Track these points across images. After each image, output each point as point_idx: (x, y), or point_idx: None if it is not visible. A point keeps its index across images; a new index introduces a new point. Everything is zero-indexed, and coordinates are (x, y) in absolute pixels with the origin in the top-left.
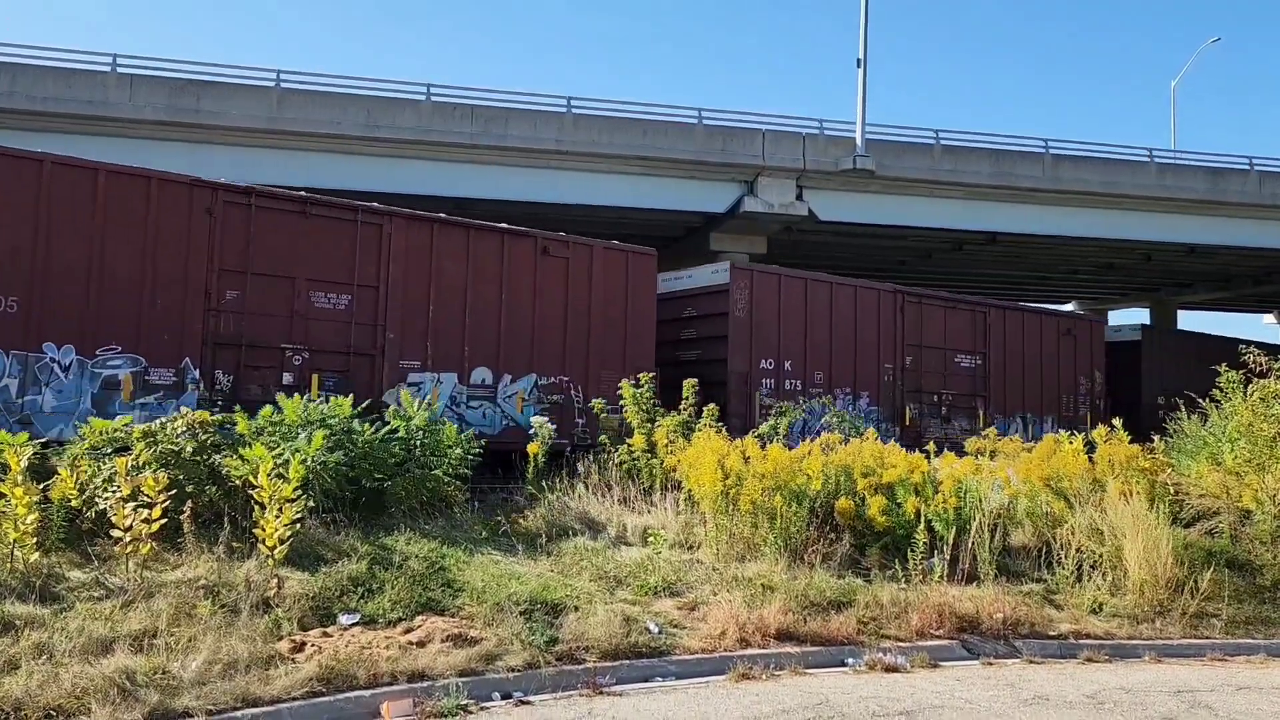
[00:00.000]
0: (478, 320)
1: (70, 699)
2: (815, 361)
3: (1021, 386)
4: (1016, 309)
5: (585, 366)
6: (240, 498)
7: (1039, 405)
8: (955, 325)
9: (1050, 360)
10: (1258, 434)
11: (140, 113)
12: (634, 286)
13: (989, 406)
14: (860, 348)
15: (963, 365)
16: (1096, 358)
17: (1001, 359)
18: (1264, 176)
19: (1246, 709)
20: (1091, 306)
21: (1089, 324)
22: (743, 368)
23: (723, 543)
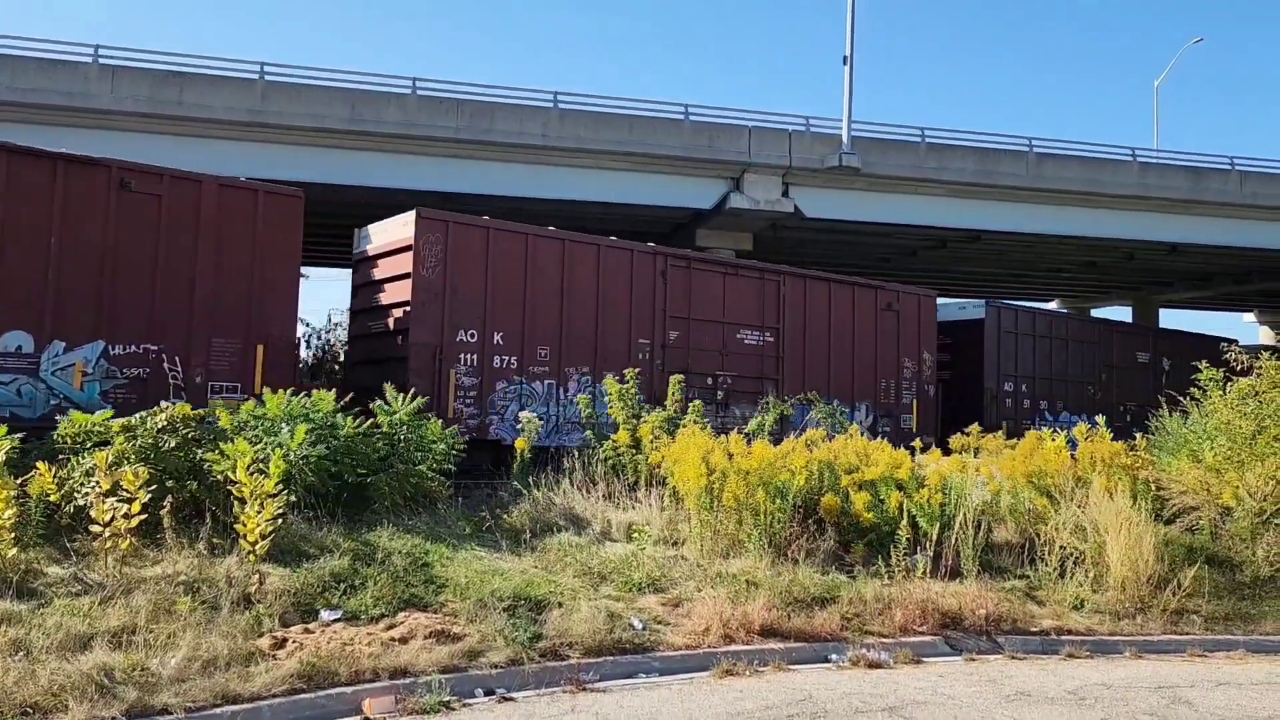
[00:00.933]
0: None
1: (47, 696)
2: (539, 335)
3: (827, 369)
4: (821, 278)
5: (187, 333)
6: (222, 493)
7: (849, 391)
8: (738, 295)
9: (866, 339)
10: (1237, 431)
11: (122, 104)
12: (267, 235)
13: (781, 391)
14: (606, 319)
15: (747, 342)
16: (927, 337)
17: (800, 336)
18: (1244, 176)
19: (1226, 704)
20: (1074, 305)
21: (916, 299)
22: (430, 340)
23: (707, 539)
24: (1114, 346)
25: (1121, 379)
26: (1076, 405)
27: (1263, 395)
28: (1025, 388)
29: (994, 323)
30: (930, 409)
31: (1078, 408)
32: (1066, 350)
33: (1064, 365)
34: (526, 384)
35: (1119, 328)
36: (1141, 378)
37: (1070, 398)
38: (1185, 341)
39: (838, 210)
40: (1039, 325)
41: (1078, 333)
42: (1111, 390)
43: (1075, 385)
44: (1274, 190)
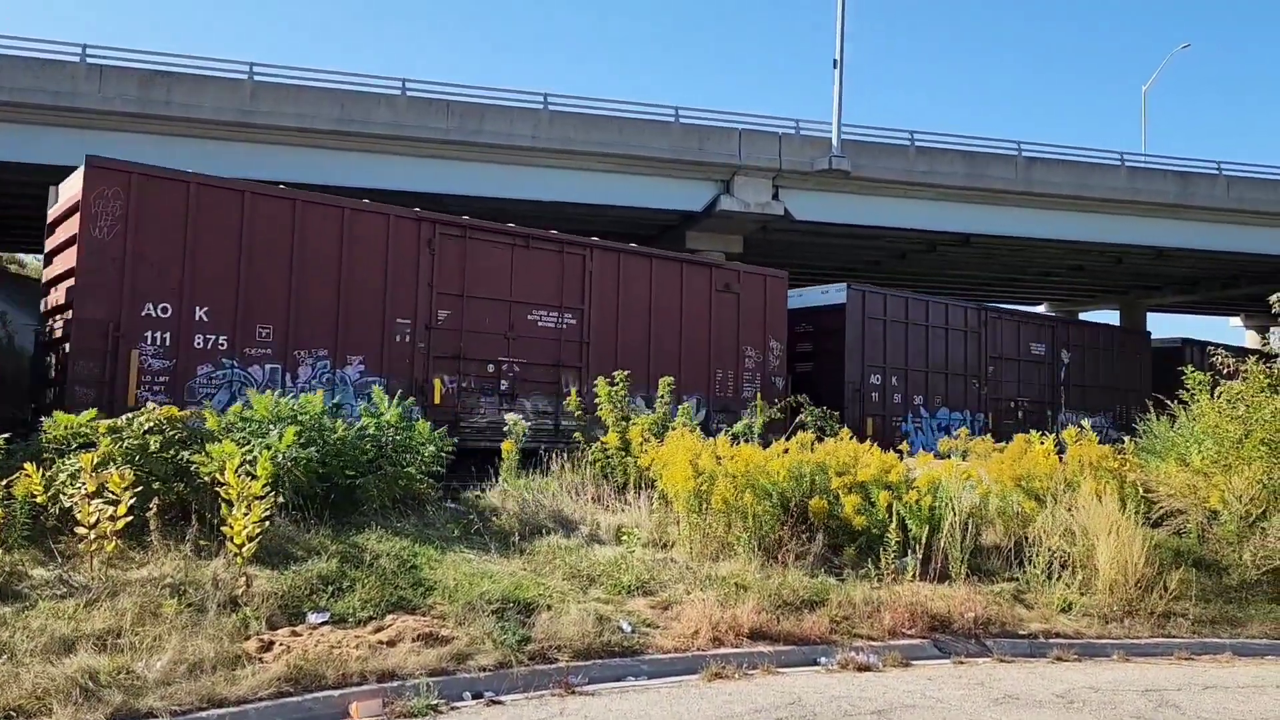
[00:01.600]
0: None
1: (31, 699)
2: (259, 311)
3: (647, 357)
4: (640, 253)
5: None
6: (209, 495)
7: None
8: (532, 270)
9: (698, 324)
10: (1224, 435)
11: (110, 104)
12: None
13: (586, 383)
14: (352, 295)
15: (543, 325)
16: (775, 323)
17: (612, 319)
18: (1232, 181)
19: (1213, 707)
20: (1063, 308)
21: (762, 279)
22: (101, 315)
23: (696, 541)
24: (1003, 336)
25: (1013, 373)
26: (959, 401)
27: (1250, 400)
28: (896, 381)
29: (857, 307)
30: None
31: (960, 404)
32: (947, 340)
33: (943, 356)
34: (240, 369)
35: (1010, 316)
36: (1038, 372)
37: (951, 393)
38: (1089, 333)
39: (827, 213)
40: (914, 311)
41: (960, 320)
42: (1000, 385)
43: (957, 379)
44: (1260, 195)
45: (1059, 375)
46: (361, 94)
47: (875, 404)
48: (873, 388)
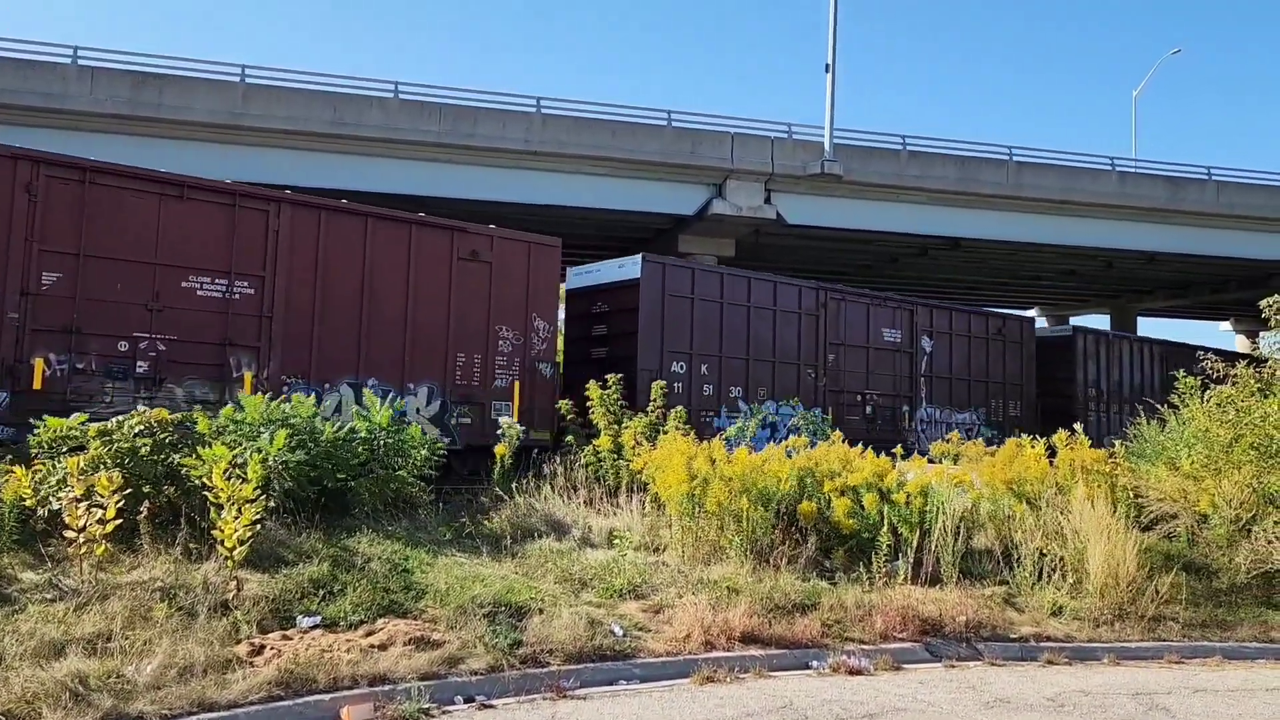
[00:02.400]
0: None
1: (20, 704)
2: None
3: (358, 337)
4: (354, 211)
5: None
6: (199, 498)
7: (399, 368)
8: (189, 228)
9: (433, 298)
10: (1214, 439)
11: (101, 106)
12: None
13: (269, 369)
14: None
15: (203, 294)
16: (542, 299)
17: (308, 290)
18: (1221, 186)
19: (1203, 711)
20: (1054, 312)
21: (525, 246)
22: None
23: (688, 545)
24: (846, 321)
25: (860, 362)
26: (790, 394)
27: (1239, 404)
28: (706, 370)
29: (655, 284)
30: (546, 394)
31: (791, 396)
32: (774, 323)
33: (769, 342)
34: None
35: (857, 297)
36: (893, 361)
37: (779, 384)
38: (957, 319)
39: (820, 217)
40: (732, 290)
41: (794, 301)
42: (842, 376)
43: (787, 368)
44: (1250, 200)
45: (919, 366)
46: (354, 96)
47: (679, 395)
48: (676, 376)
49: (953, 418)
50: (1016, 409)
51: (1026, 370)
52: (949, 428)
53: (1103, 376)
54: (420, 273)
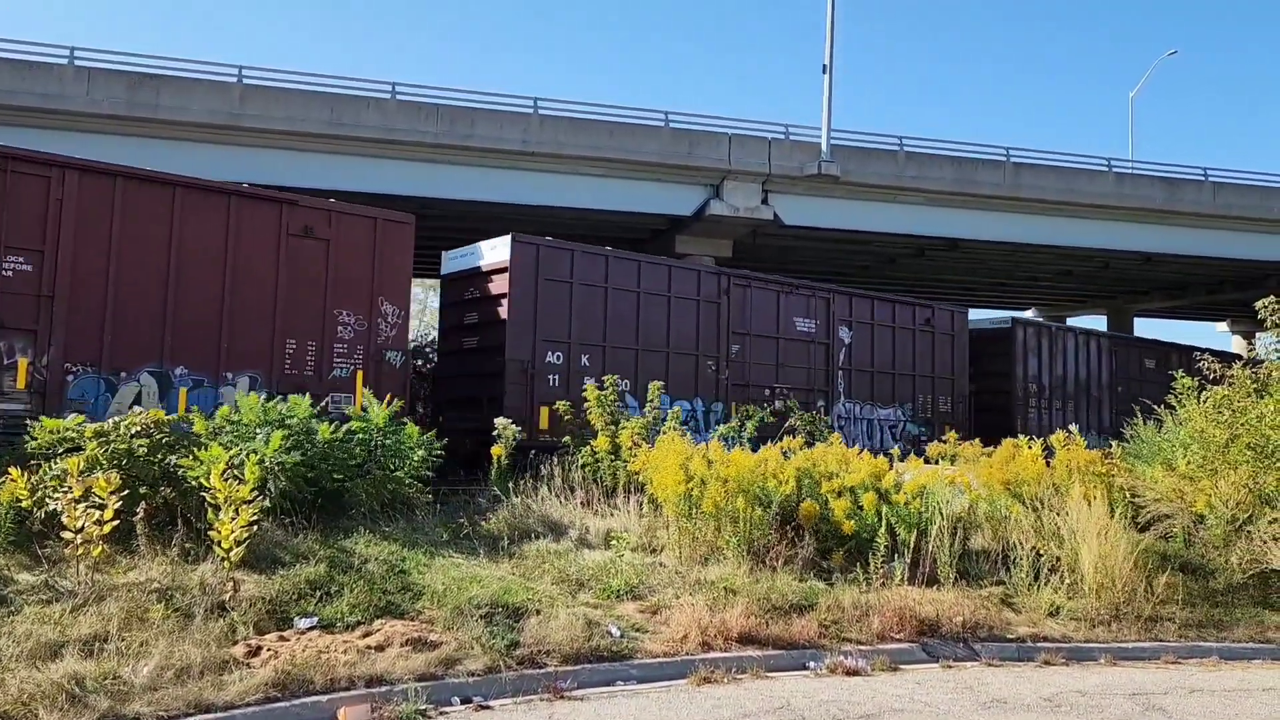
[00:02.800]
0: None
1: (17, 705)
2: None
3: (163, 320)
4: (154, 179)
5: None
6: (195, 499)
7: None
8: None
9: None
10: (1210, 439)
11: (98, 106)
12: None
13: (50, 354)
14: None
15: None
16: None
17: (101, 268)
18: (1218, 187)
19: (1200, 711)
20: (1051, 313)
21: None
22: None
23: (685, 546)
24: (753, 309)
25: (769, 353)
26: (687, 388)
27: (1236, 404)
28: (588, 360)
29: (527, 266)
30: (394, 384)
31: (689, 391)
32: (667, 310)
33: (661, 331)
34: None
35: (763, 283)
36: (806, 353)
37: (676, 378)
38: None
39: (817, 218)
40: (618, 274)
41: (691, 288)
42: (748, 368)
43: (683, 359)
44: (1246, 201)
45: (836, 358)
46: (351, 97)
47: (556, 388)
48: (550, 368)
49: (875, 414)
50: (947, 405)
51: (959, 364)
52: (871, 425)
53: (1045, 371)
54: (241, 250)
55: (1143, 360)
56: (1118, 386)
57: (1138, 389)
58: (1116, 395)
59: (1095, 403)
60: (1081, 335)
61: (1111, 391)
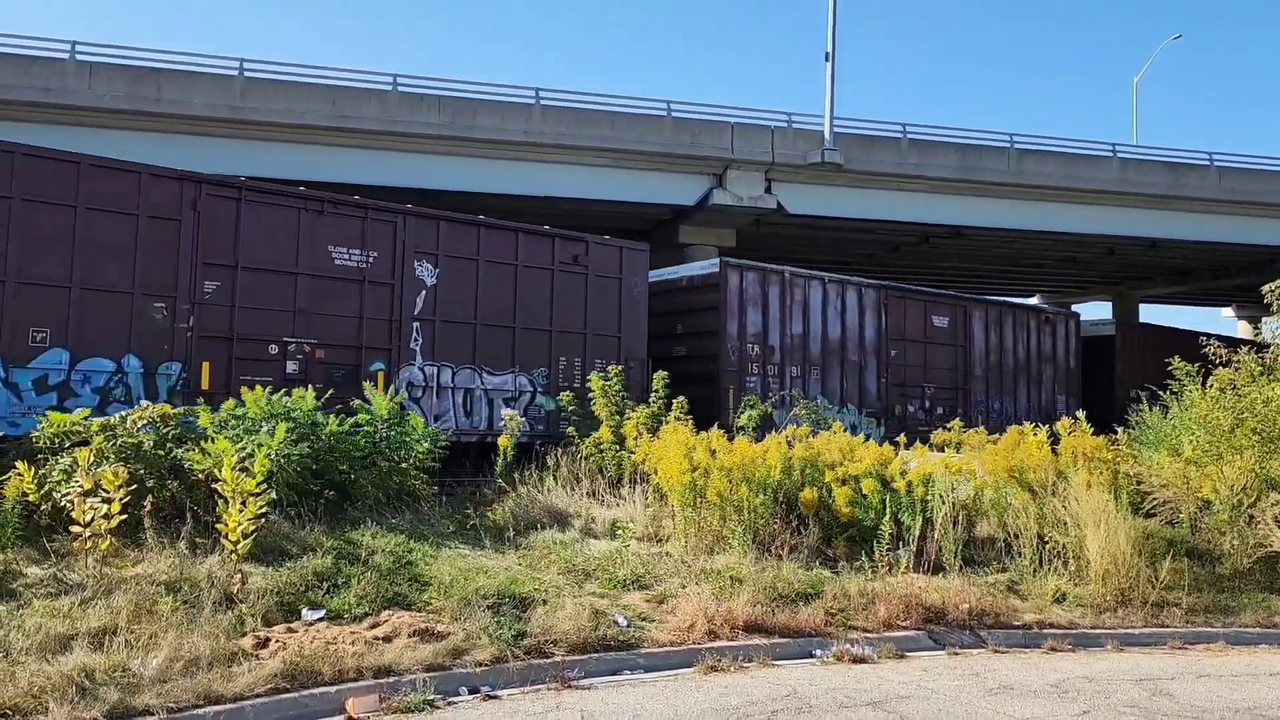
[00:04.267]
0: None
1: (27, 698)
2: None
3: None
4: None
5: None
6: (202, 492)
7: None
8: None
9: None
10: (1215, 425)
11: (100, 101)
12: None
13: None
14: None
15: None
16: None
17: None
18: (1223, 172)
19: (1206, 696)
20: (1056, 300)
21: None
22: None
23: (691, 535)
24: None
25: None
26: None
27: (1241, 389)
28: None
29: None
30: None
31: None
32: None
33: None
34: None
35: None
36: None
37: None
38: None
39: (820, 206)
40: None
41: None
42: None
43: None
44: (1251, 186)
45: (410, 304)
46: (353, 89)
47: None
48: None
49: (477, 381)
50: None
51: (628, 320)
52: (469, 395)
53: (774, 329)
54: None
55: (929, 317)
56: (889, 349)
57: (919, 353)
58: (887, 360)
59: (854, 369)
60: (834, 283)
61: (880, 355)
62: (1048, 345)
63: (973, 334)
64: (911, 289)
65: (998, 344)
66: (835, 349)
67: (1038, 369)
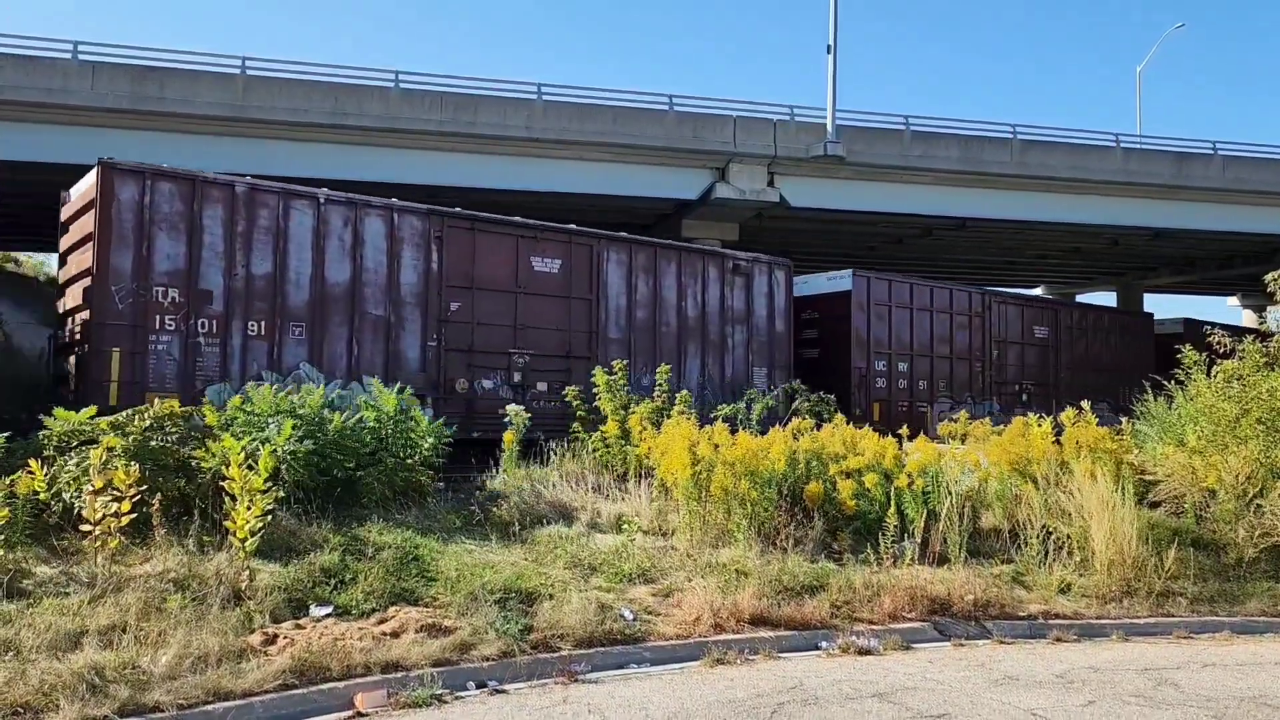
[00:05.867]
0: None
1: (38, 695)
2: None
3: None
4: None
5: None
6: (210, 489)
7: None
8: None
9: None
10: (1220, 414)
11: (102, 100)
12: None
13: None
14: None
15: None
16: None
17: None
18: (1227, 161)
19: (1212, 685)
20: (1060, 290)
21: None
22: None
23: (696, 529)
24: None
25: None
26: (962, 386)
27: (1246, 378)
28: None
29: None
30: None
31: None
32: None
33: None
34: None
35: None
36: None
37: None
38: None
39: (823, 199)
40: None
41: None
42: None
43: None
44: (1256, 175)
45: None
46: (354, 86)
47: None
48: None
49: None
50: None
51: None
52: None
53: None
54: None
55: (526, 258)
56: (447, 301)
57: (501, 306)
58: (443, 316)
59: (378, 328)
60: (338, 205)
61: (428, 309)
62: (739, 303)
63: (606, 282)
64: (497, 219)
65: (650, 298)
66: (341, 299)
67: (721, 332)
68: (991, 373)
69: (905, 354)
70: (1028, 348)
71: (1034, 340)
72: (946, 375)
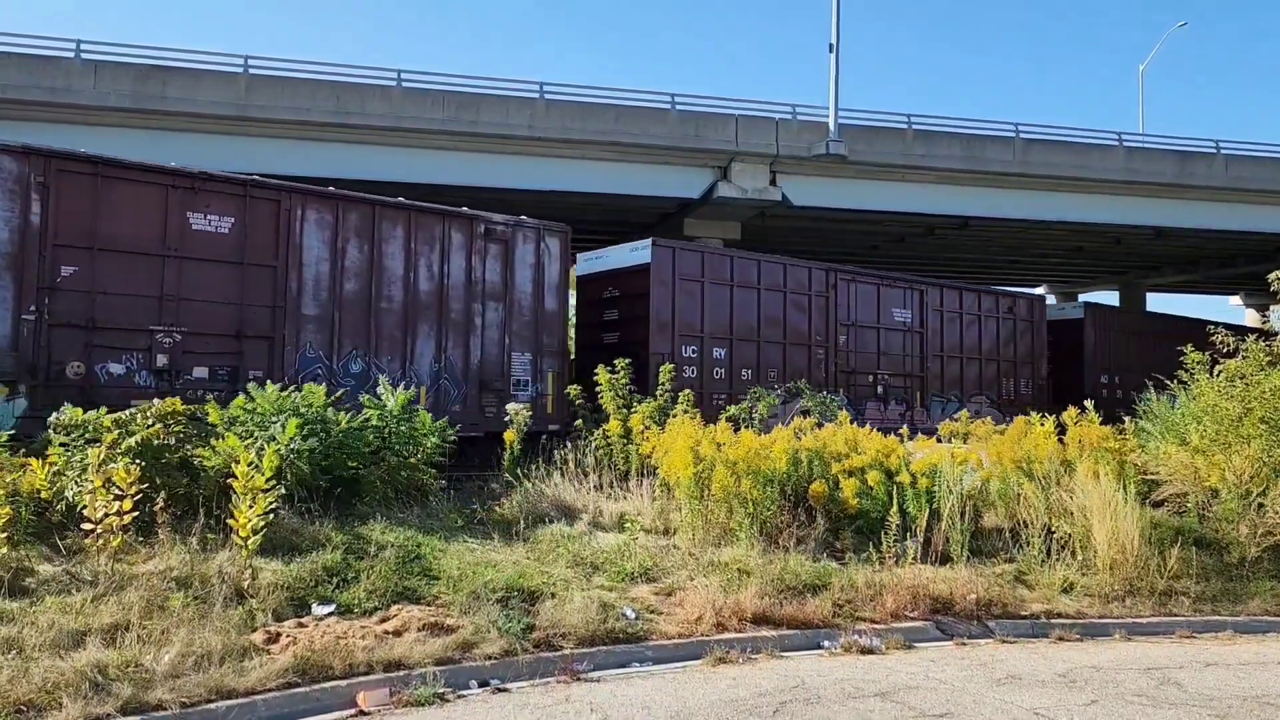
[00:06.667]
0: None
1: (41, 694)
2: None
3: None
4: None
5: None
6: (213, 488)
7: None
8: None
9: None
10: (1222, 414)
11: (105, 100)
12: None
13: None
14: None
15: None
16: None
17: None
18: (1230, 160)
19: (1215, 684)
20: (1062, 289)
21: None
22: None
23: (698, 528)
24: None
25: None
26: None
27: (1248, 378)
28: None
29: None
30: None
31: None
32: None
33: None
34: None
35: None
36: None
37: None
38: None
39: (825, 198)
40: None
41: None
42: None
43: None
44: (1259, 174)
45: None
46: (357, 85)
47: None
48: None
49: None
50: None
51: None
52: None
53: None
54: None
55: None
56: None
57: None
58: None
59: None
60: None
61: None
62: (494, 275)
63: (301, 246)
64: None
65: (364, 266)
66: None
67: (467, 309)
68: (838, 360)
69: (723, 338)
70: (885, 332)
71: (893, 325)
72: (778, 364)
